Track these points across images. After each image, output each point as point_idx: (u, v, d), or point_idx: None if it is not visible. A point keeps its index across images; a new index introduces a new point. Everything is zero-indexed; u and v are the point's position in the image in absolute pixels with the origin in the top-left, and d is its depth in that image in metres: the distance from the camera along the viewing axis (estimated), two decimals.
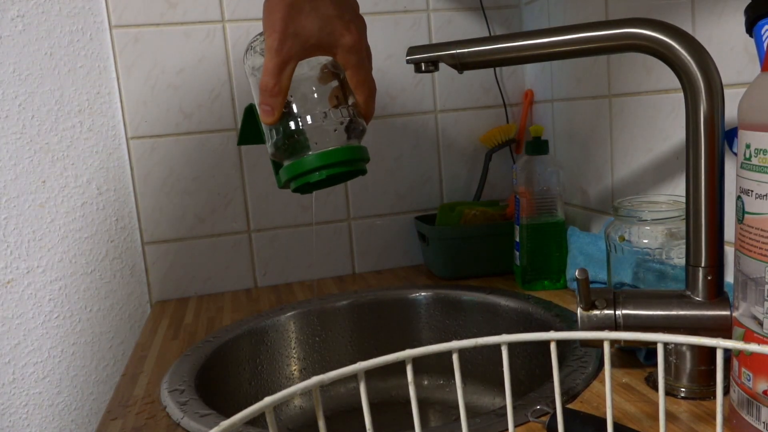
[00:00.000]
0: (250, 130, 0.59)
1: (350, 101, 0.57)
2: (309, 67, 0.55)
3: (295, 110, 0.54)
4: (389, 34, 1.01)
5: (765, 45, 0.54)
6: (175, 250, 0.97)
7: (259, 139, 0.58)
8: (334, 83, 0.56)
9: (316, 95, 0.55)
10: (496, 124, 1.06)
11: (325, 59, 0.56)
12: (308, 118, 0.54)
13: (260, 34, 0.55)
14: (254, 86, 0.57)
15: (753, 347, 0.33)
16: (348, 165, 0.55)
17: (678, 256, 0.62)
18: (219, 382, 0.72)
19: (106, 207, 0.96)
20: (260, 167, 0.98)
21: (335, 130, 0.54)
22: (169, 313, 0.90)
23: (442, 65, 0.61)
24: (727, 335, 0.49)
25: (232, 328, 0.79)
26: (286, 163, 0.56)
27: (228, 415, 0.56)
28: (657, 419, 0.49)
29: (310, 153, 0.54)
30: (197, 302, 0.95)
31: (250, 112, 0.58)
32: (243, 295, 0.96)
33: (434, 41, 1.03)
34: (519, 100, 1.08)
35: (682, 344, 0.53)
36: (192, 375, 0.65)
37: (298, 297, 0.92)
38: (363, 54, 0.55)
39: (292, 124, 0.54)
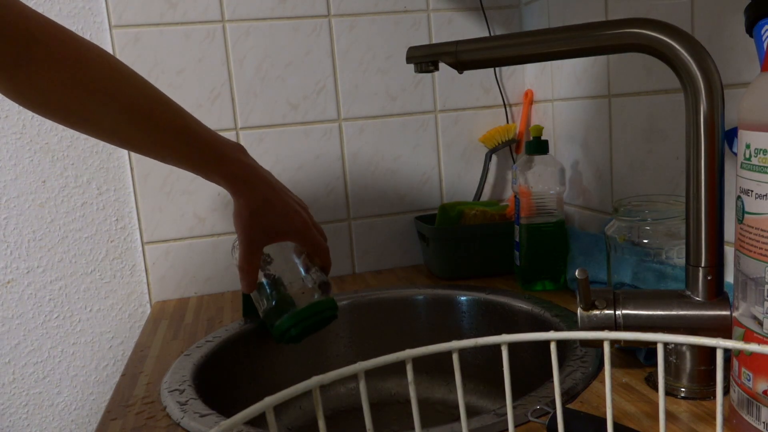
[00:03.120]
0: (250, 306, 0.77)
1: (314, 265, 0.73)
2: (278, 249, 0.73)
3: (272, 285, 0.71)
4: (389, 34, 1.01)
5: (765, 45, 0.54)
6: (175, 250, 0.97)
7: (258, 315, 0.75)
8: (298, 258, 0.73)
9: (287, 271, 0.72)
10: (496, 124, 1.06)
11: (286, 243, 0.72)
12: (286, 285, 0.71)
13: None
14: None
15: (753, 347, 0.33)
16: (317, 316, 0.70)
17: (678, 256, 0.62)
18: (219, 382, 0.72)
19: (106, 207, 0.96)
20: None
21: (308, 291, 0.70)
22: (169, 313, 0.90)
23: (442, 65, 0.61)
24: (727, 335, 0.49)
25: (232, 328, 0.79)
26: (276, 322, 0.70)
27: (228, 415, 0.56)
28: (657, 419, 0.49)
29: (290, 312, 0.70)
30: (197, 302, 0.95)
31: (246, 297, 0.78)
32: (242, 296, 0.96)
33: (434, 41, 1.03)
34: (519, 100, 1.08)
35: (682, 344, 0.53)
36: (192, 375, 0.65)
37: None
38: (312, 230, 0.71)
39: (274, 293, 0.71)
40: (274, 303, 0.70)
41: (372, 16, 1.00)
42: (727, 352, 0.43)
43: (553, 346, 0.37)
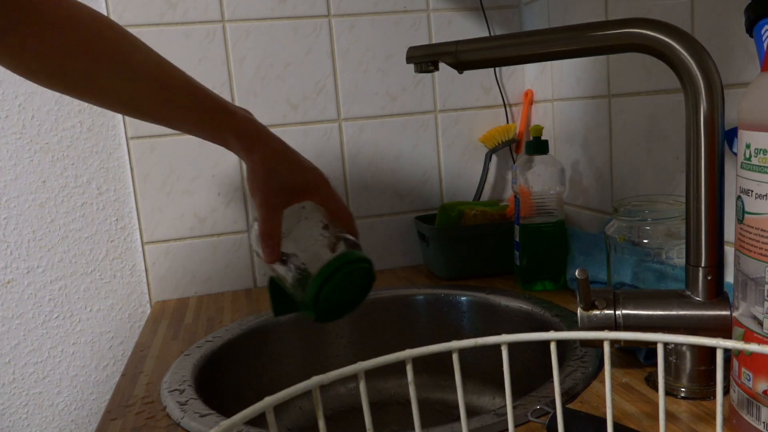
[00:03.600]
0: (279, 300, 0.62)
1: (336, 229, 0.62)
2: (298, 214, 0.63)
3: (296, 251, 0.60)
4: (389, 34, 1.01)
5: (765, 45, 0.54)
6: (175, 250, 0.97)
7: (291, 304, 0.61)
8: (320, 220, 0.62)
9: (309, 234, 0.62)
10: (496, 124, 1.06)
11: (306, 203, 0.64)
12: (307, 249, 0.60)
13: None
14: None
15: (753, 347, 0.33)
16: (345, 269, 0.57)
17: (678, 256, 0.62)
18: (219, 382, 0.72)
19: (106, 207, 0.96)
20: None
21: (333, 248, 0.59)
22: (169, 313, 0.90)
23: (442, 65, 0.61)
24: (727, 335, 0.49)
25: (232, 328, 0.79)
26: (304, 294, 0.58)
27: (228, 415, 0.56)
28: (657, 419, 0.49)
29: (315, 275, 0.57)
30: (197, 302, 0.95)
31: (272, 283, 0.61)
32: (243, 295, 0.96)
33: (434, 41, 1.03)
34: (519, 100, 1.08)
35: (682, 344, 0.53)
36: (192, 375, 0.65)
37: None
38: (332, 188, 0.64)
39: (297, 261, 0.60)
40: (297, 273, 0.59)
41: (372, 16, 1.00)
42: (727, 352, 0.43)
43: (553, 346, 0.37)
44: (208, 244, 0.98)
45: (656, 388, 0.54)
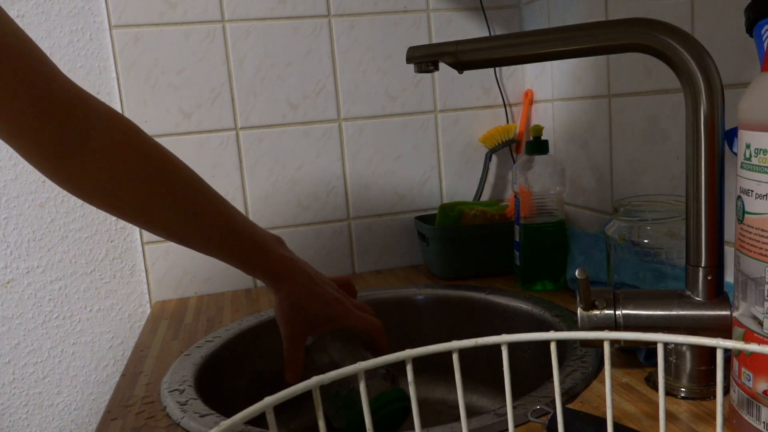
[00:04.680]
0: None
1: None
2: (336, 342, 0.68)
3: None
4: (389, 34, 1.01)
5: (765, 45, 0.54)
6: (174, 249, 0.97)
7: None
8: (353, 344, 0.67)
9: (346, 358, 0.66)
10: (496, 124, 1.06)
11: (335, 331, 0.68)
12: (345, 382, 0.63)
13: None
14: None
15: (753, 347, 0.33)
16: (382, 411, 0.61)
17: (678, 256, 0.62)
18: (219, 382, 0.72)
19: None
20: (260, 167, 0.98)
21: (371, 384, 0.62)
22: (169, 313, 0.90)
23: (442, 65, 0.61)
24: (727, 335, 0.49)
25: (232, 328, 0.79)
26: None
27: (228, 415, 0.56)
28: (657, 419, 0.49)
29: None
30: (197, 302, 0.95)
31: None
32: (243, 295, 0.96)
33: (434, 41, 1.03)
34: (519, 100, 1.08)
35: (682, 344, 0.53)
36: (192, 375, 0.65)
37: None
38: (355, 313, 0.67)
39: (335, 394, 0.63)
40: (337, 397, 0.63)
41: (372, 16, 1.00)
42: (727, 352, 0.43)
43: (553, 346, 0.37)
44: None
45: (656, 388, 0.54)
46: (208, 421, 0.55)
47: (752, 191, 0.42)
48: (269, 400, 0.32)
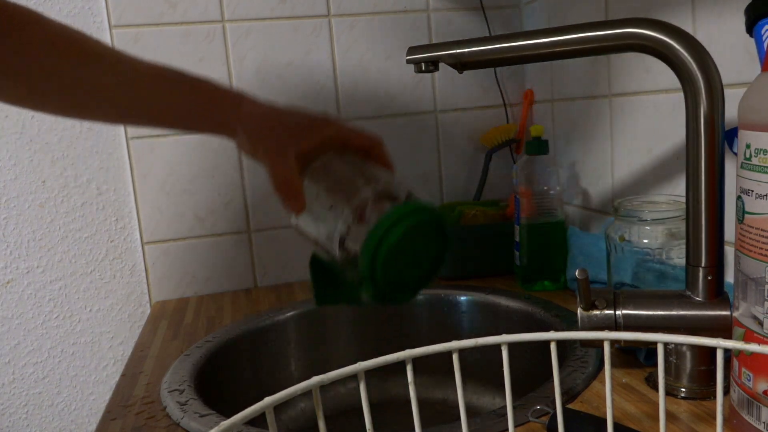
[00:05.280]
0: (323, 282, 0.51)
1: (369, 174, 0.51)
2: (323, 168, 0.52)
3: (334, 207, 0.47)
4: (389, 34, 1.01)
5: (765, 45, 0.54)
6: (174, 250, 0.97)
7: (336, 286, 0.49)
8: (352, 163, 0.52)
9: (349, 182, 0.50)
10: (496, 124, 1.06)
11: (327, 154, 0.53)
12: (350, 200, 0.47)
13: None
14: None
15: (753, 347, 0.33)
16: (413, 216, 0.45)
17: (678, 256, 0.62)
18: (219, 382, 0.72)
19: (106, 207, 0.96)
20: (259, 168, 0.98)
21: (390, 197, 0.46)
22: (168, 313, 0.90)
23: (442, 65, 0.61)
24: (728, 335, 0.49)
25: (232, 328, 0.79)
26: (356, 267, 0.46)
27: (228, 415, 0.56)
28: (657, 419, 0.49)
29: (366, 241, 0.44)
30: (197, 302, 0.95)
31: (313, 261, 0.51)
32: (243, 295, 0.96)
33: (434, 41, 1.03)
34: (519, 100, 1.08)
35: (682, 344, 0.53)
36: (192, 375, 0.65)
37: (298, 297, 0.92)
38: (345, 122, 0.55)
39: (340, 221, 0.47)
40: (344, 230, 0.46)
41: (372, 16, 1.00)
42: (727, 352, 0.43)
43: (553, 346, 0.37)
44: (207, 244, 0.98)
45: (656, 389, 0.54)
46: (208, 421, 0.55)
47: (752, 191, 0.42)
48: (269, 400, 0.32)
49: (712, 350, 0.43)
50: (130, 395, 0.63)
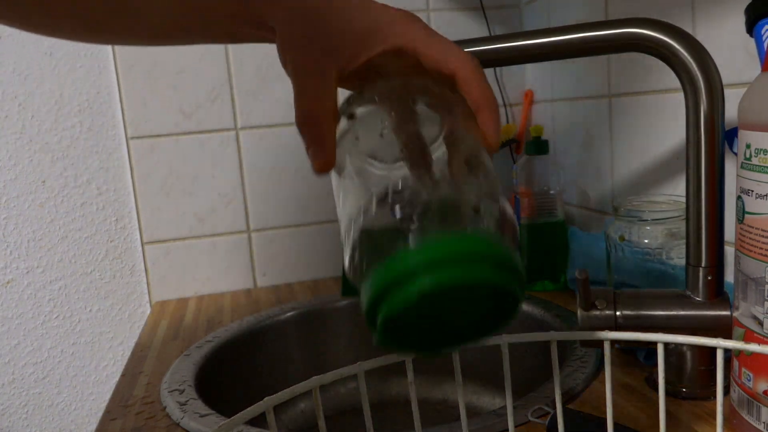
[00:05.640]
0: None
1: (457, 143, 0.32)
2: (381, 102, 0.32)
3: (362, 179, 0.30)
4: None
5: (765, 45, 0.54)
6: (174, 250, 0.97)
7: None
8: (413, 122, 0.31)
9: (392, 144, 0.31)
10: None
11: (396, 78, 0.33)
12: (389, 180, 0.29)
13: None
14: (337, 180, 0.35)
15: (753, 347, 0.33)
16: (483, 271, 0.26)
17: (678, 256, 0.62)
18: (219, 382, 0.72)
19: (106, 207, 0.96)
20: (260, 168, 0.98)
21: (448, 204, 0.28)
22: (168, 313, 0.90)
23: None
24: (728, 335, 0.49)
25: (232, 328, 0.79)
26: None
27: (229, 415, 0.56)
28: (657, 419, 0.49)
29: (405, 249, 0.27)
30: (197, 302, 0.95)
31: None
32: (243, 295, 0.96)
33: None
34: (519, 100, 1.07)
35: (682, 344, 0.53)
36: (192, 375, 0.65)
37: (298, 297, 0.92)
38: (438, 39, 0.35)
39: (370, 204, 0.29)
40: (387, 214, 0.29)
41: None
42: (727, 352, 0.43)
43: (553, 347, 0.37)
44: (207, 244, 0.98)
45: (656, 388, 0.54)
46: (209, 421, 0.55)
47: (752, 191, 0.42)
48: (269, 400, 0.32)
49: (712, 350, 0.43)
50: (130, 395, 0.63)
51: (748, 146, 0.42)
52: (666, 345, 0.36)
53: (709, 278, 0.51)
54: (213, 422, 0.54)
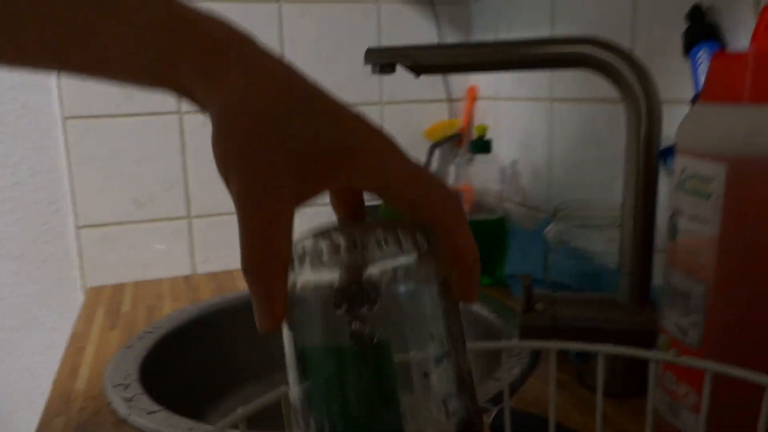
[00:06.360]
0: None
1: None
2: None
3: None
4: (339, 24, 1.00)
5: (699, 70, 0.58)
6: (111, 234, 0.94)
7: None
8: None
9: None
10: (440, 117, 1.08)
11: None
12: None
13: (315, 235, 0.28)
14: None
15: (685, 360, 0.36)
16: None
17: (612, 261, 0.66)
18: (165, 375, 0.71)
19: (39, 189, 0.91)
20: (204, 152, 0.96)
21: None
22: (105, 301, 0.88)
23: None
24: (654, 340, 0.53)
25: (174, 318, 0.78)
26: None
27: (177, 411, 0.56)
28: (586, 415, 0.53)
29: None
30: (134, 289, 0.93)
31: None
32: (182, 282, 0.95)
33: (384, 33, 1.03)
34: (463, 95, 1.10)
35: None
36: (136, 368, 0.65)
37: (238, 285, 0.92)
38: (423, 171, 0.30)
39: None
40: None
41: (323, 4, 0.99)
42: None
43: (504, 355, 0.40)
44: (145, 229, 0.95)
45: (587, 387, 0.58)
46: (157, 418, 0.54)
47: (684, 212, 0.45)
48: (240, 412, 0.32)
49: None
50: (71, 389, 0.62)
51: (683, 170, 0.45)
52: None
53: (639, 286, 0.56)
54: (162, 419, 0.54)
